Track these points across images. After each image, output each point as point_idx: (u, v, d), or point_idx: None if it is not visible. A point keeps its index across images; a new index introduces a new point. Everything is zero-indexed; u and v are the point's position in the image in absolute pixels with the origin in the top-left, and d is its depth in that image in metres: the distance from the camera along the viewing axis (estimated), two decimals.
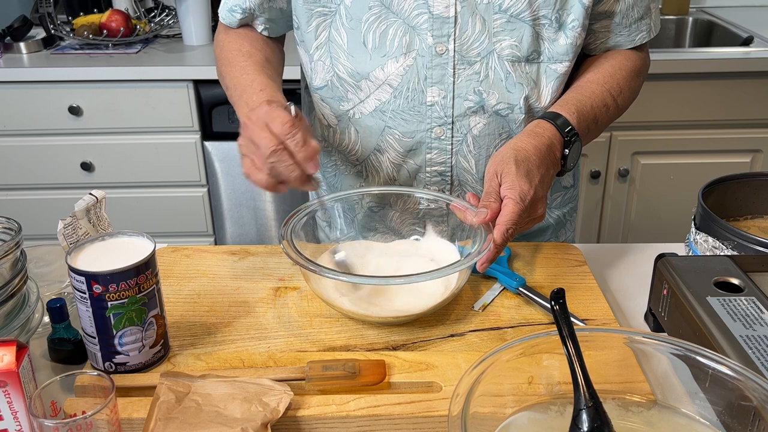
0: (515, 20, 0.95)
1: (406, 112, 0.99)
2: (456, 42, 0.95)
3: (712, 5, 2.52)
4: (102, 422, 0.61)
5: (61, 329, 0.78)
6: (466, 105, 0.98)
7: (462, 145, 1.01)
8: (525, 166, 0.87)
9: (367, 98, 1.00)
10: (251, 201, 2.20)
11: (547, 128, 0.93)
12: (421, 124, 0.99)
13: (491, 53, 0.96)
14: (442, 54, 0.96)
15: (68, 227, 0.80)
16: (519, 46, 0.96)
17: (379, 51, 0.97)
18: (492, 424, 0.63)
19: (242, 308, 0.87)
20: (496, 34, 0.96)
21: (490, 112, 0.99)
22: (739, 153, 2.12)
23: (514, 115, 1.00)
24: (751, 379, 0.60)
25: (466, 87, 0.98)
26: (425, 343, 0.80)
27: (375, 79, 0.98)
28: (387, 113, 1.00)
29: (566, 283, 0.91)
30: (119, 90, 2.04)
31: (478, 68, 0.97)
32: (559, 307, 0.63)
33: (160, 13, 2.37)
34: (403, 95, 0.98)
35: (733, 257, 0.83)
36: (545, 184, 0.89)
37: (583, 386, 0.59)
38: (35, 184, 2.17)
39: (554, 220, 1.15)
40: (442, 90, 0.97)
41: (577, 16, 0.97)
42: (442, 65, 0.96)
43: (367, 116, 1.01)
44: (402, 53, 0.97)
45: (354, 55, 0.98)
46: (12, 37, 2.16)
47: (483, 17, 0.95)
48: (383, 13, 0.96)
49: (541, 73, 0.99)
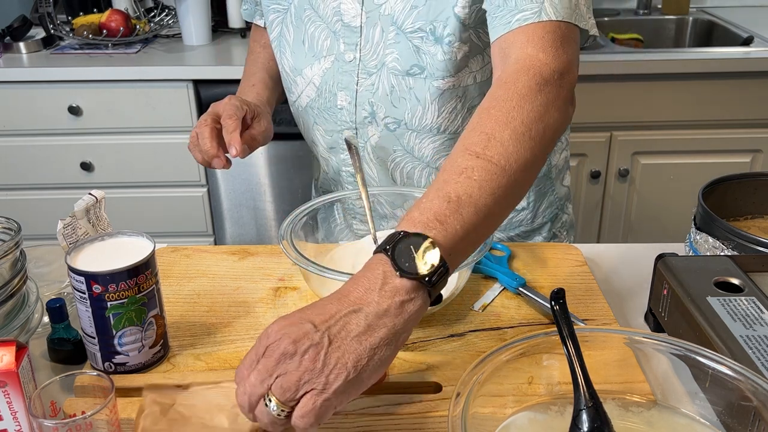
0: (400, 33, 0.95)
1: (326, 112, 1.04)
2: (361, 51, 0.98)
3: (712, 5, 2.52)
4: (101, 422, 0.61)
5: (61, 329, 0.78)
6: (363, 114, 1.01)
7: (365, 153, 1.04)
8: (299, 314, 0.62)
9: (301, 94, 1.06)
10: (251, 201, 2.20)
11: (367, 265, 0.64)
12: (335, 125, 1.04)
13: (384, 66, 0.97)
14: (350, 61, 0.99)
15: (68, 227, 0.80)
16: (400, 60, 0.95)
17: (311, 50, 1.02)
18: (492, 424, 0.63)
19: (242, 308, 0.87)
20: (388, 46, 0.96)
21: (381, 126, 1.00)
22: (739, 153, 2.12)
23: (400, 131, 1.00)
24: (751, 380, 0.60)
25: (364, 96, 1.00)
26: (425, 343, 0.80)
27: (306, 76, 1.04)
28: (314, 110, 1.06)
29: (566, 283, 0.91)
30: (119, 90, 2.04)
31: (374, 80, 0.98)
32: (559, 307, 0.63)
33: (160, 13, 2.37)
34: (323, 95, 1.03)
35: (733, 257, 0.83)
36: (325, 326, 0.59)
37: (583, 386, 0.59)
38: (35, 184, 2.17)
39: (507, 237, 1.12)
40: (348, 96, 1.01)
41: (452, 30, 0.91)
42: (349, 72, 1.00)
43: (302, 111, 1.08)
44: (324, 55, 1.01)
45: (295, 52, 1.04)
46: (12, 36, 2.16)
47: (382, 28, 0.96)
48: (313, 16, 1.01)
49: (425, 90, 0.96)
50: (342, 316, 0.59)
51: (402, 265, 0.60)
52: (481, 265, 0.91)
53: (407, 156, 1.03)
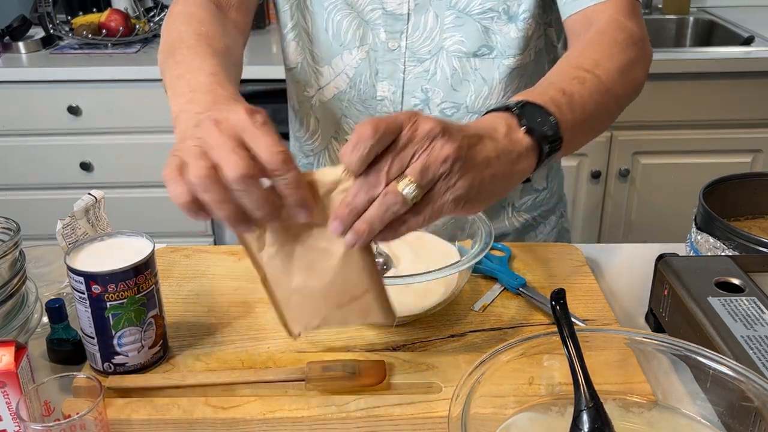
0: (463, 16, 0.94)
1: (360, 104, 1.01)
2: (408, 39, 0.96)
3: (712, 5, 2.52)
4: (90, 423, 0.61)
5: (60, 330, 0.78)
6: (413, 102, 0.99)
7: None
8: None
9: (327, 85, 1.02)
10: None
11: (486, 116, 0.67)
12: (372, 116, 1.00)
13: (441, 50, 0.96)
14: (394, 50, 0.97)
15: (67, 227, 0.80)
16: (466, 42, 0.95)
17: (337, 40, 0.99)
18: (492, 424, 0.63)
19: (242, 308, 0.87)
20: (446, 30, 0.95)
21: (436, 112, 0.99)
22: (739, 153, 2.12)
23: (459, 116, 0.98)
24: (752, 380, 0.59)
25: (415, 84, 0.98)
26: (425, 344, 0.80)
27: (335, 66, 1.00)
28: (344, 102, 1.02)
29: (566, 283, 0.91)
30: (119, 90, 2.04)
31: (428, 66, 0.97)
32: (560, 308, 0.63)
33: (160, 13, 2.37)
34: (357, 87, 1.00)
35: (733, 257, 0.83)
36: (463, 134, 0.59)
37: (583, 387, 0.59)
38: (34, 184, 2.17)
39: (520, 224, 1.13)
40: (392, 85, 0.98)
41: (527, 7, 0.94)
42: (393, 61, 0.97)
43: (327, 103, 1.03)
44: (356, 46, 0.98)
45: (319, 40, 1.00)
46: (11, 36, 2.15)
47: (436, 13, 0.95)
48: (340, 4, 0.97)
49: (493, 69, 0.97)
50: (474, 135, 0.59)
51: (528, 123, 0.62)
52: (481, 266, 0.91)
53: None
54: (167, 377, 0.73)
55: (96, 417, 0.61)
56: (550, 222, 1.17)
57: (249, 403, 0.69)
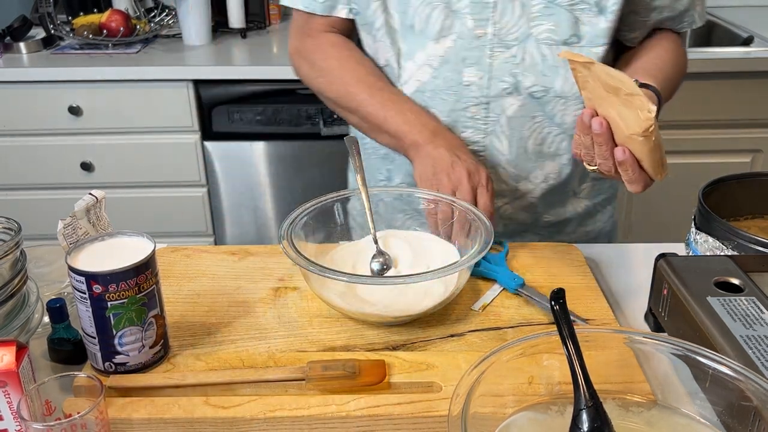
0: (553, 5, 0.98)
1: (444, 92, 1.04)
2: (495, 25, 0.99)
3: (712, 5, 2.52)
4: (91, 422, 0.61)
5: (61, 329, 0.78)
6: (501, 86, 1.02)
7: (496, 126, 1.04)
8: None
9: (409, 79, 1.05)
10: (251, 201, 2.20)
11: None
12: (457, 103, 1.04)
13: (529, 37, 0.99)
14: (481, 37, 1.00)
15: (68, 227, 0.80)
16: (556, 30, 0.99)
17: (423, 33, 1.01)
18: (492, 424, 0.63)
19: (242, 308, 0.87)
20: (533, 19, 0.98)
21: (525, 94, 1.02)
22: (739, 153, 2.12)
23: (548, 98, 1.02)
24: (751, 379, 0.60)
25: (502, 69, 1.01)
26: (425, 343, 0.80)
27: (417, 59, 1.03)
28: (426, 93, 1.05)
29: (566, 283, 0.91)
30: (119, 90, 2.04)
31: (515, 51, 1.00)
32: (559, 307, 0.63)
33: (160, 13, 2.37)
34: (442, 76, 1.03)
35: (733, 257, 0.83)
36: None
37: (583, 386, 0.59)
38: (35, 184, 2.17)
39: (583, 210, 1.17)
40: (480, 71, 1.01)
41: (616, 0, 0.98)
42: (480, 47, 1.00)
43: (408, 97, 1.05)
44: (442, 36, 1.01)
45: (404, 38, 1.03)
46: (12, 37, 2.16)
47: (522, 2, 0.98)
48: None
49: None
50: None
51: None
52: (480, 267, 0.91)
53: (547, 123, 1.04)
54: (168, 377, 0.73)
55: (97, 416, 0.62)
56: (607, 211, 1.21)
57: (249, 403, 0.69)
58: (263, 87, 2.03)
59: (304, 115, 2.04)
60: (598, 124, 0.81)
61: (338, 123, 2.01)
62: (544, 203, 1.12)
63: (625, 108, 0.78)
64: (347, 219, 1.12)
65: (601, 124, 0.80)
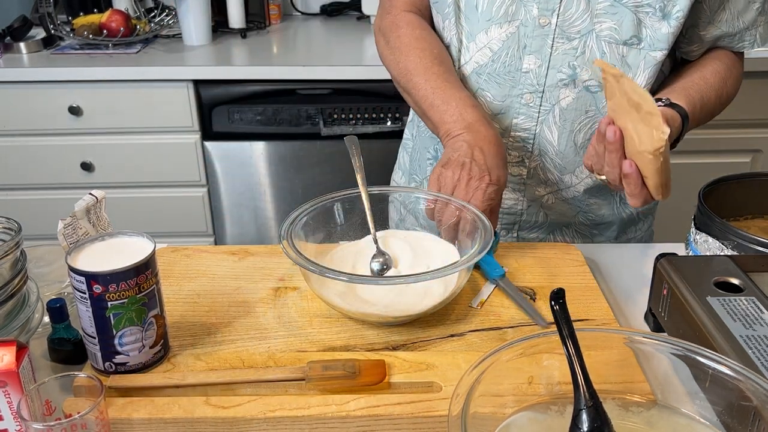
0: (618, 5, 0.98)
1: (501, 76, 1.05)
2: (559, 17, 1.00)
3: None
4: (91, 422, 0.61)
5: (61, 329, 0.78)
6: (558, 77, 1.03)
7: (548, 115, 1.06)
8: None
9: (469, 60, 1.07)
10: (251, 201, 2.20)
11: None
12: (513, 89, 1.05)
13: (591, 32, 1.00)
14: (545, 26, 1.01)
15: (68, 227, 0.80)
16: (618, 30, 1.00)
17: (486, 16, 1.03)
18: (492, 424, 0.63)
19: (242, 308, 0.87)
20: (597, 15, 1.00)
21: (581, 87, 1.03)
22: (739, 153, 2.12)
23: (601, 95, 1.03)
24: (751, 379, 0.60)
25: (562, 60, 1.02)
26: (425, 343, 0.80)
27: (479, 41, 1.05)
28: (482, 75, 1.07)
29: (566, 283, 0.91)
30: (119, 90, 2.04)
31: (576, 44, 1.01)
32: (559, 307, 0.63)
33: (160, 13, 2.37)
34: (501, 60, 1.04)
35: (733, 257, 0.83)
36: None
37: (583, 386, 0.59)
38: (35, 184, 2.17)
39: (626, 216, 1.18)
40: (539, 59, 1.03)
41: (682, 7, 0.99)
42: (543, 36, 1.02)
43: (466, 78, 1.08)
44: (506, 21, 1.02)
45: (469, 18, 1.05)
46: (12, 37, 2.16)
47: None
48: None
49: (639, 59, 1.02)
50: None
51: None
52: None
53: (598, 118, 1.05)
54: (168, 377, 0.73)
55: (97, 416, 0.62)
56: (648, 221, 1.23)
57: (249, 403, 0.69)
58: (263, 87, 2.03)
59: (304, 115, 2.04)
60: (612, 132, 0.84)
61: (338, 123, 2.01)
62: (586, 200, 1.14)
63: (642, 124, 0.81)
64: (347, 218, 1.12)
65: (615, 133, 0.84)
